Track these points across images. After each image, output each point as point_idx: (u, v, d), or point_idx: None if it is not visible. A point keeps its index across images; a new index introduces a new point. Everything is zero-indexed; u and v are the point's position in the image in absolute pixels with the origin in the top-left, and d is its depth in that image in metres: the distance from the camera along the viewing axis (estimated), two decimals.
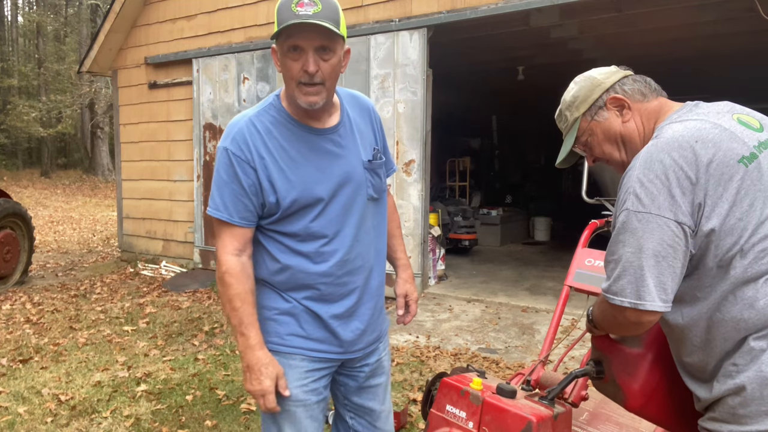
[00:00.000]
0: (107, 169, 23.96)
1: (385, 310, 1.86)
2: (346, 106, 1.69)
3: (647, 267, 1.18)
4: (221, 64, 7.18)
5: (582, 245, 2.27)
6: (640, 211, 1.19)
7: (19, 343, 4.59)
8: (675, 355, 1.36)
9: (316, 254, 1.60)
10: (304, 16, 1.42)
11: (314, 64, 1.47)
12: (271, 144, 1.56)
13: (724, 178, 1.17)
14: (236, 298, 1.54)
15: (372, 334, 1.74)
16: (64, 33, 27.19)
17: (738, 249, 1.17)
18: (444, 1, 5.63)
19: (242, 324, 1.55)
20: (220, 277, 1.56)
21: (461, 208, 9.25)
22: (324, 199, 1.58)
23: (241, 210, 1.55)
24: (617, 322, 1.28)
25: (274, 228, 1.60)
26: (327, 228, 1.59)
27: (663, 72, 9.00)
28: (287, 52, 1.48)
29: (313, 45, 1.46)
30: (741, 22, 6.00)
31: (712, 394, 1.24)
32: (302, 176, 1.56)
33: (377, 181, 1.70)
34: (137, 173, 8.26)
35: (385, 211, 1.79)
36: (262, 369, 1.54)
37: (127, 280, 7.20)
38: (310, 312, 1.63)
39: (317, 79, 1.49)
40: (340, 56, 1.53)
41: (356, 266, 1.65)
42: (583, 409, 2.02)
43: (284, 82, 1.56)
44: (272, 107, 1.61)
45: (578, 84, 1.51)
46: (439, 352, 4.43)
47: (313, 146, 1.59)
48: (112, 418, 3.30)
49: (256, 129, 1.56)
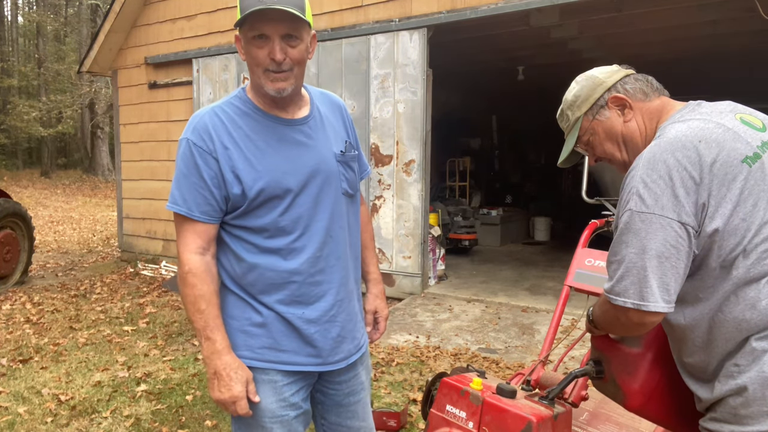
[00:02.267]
0: (107, 169, 23.96)
1: (363, 317, 1.77)
2: (316, 102, 1.64)
3: (650, 268, 1.17)
4: (221, 64, 7.18)
5: (582, 245, 2.27)
6: (644, 212, 1.18)
7: (19, 343, 4.59)
8: (676, 355, 1.36)
9: (287, 251, 1.50)
10: (268, 1, 1.35)
11: (281, 51, 1.42)
12: (236, 134, 1.48)
13: (728, 179, 1.17)
14: (201, 300, 1.44)
15: (351, 343, 1.63)
16: (64, 33, 27.19)
17: (741, 249, 1.17)
18: (444, 1, 5.63)
19: (207, 327, 1.44)
20: (183, 278, 1.47)
21: (461, 208, 9.25)
22: (293, 190, 1.49)
23: (201, 203, 1.46)
24: (620, 322, 1.27)
25: (239, 224, 1.50)
26: (297, 222, 1.50)
27: (663, 72, 8.99)
28: (252, 39, 1.42)
29: (279, 32, 1.41)
30: (741, 22, 6.00)
31: (713, 394, 1.23)
32: (270, 166, 1.48)
33: (351, 176, 1.63)
34: (137, 173, 8.26)
35: (359, 212, 1.71)
36: (231, 374, 1.44)
37: (127, 280, 7.20)
38: (283, 320, 1.52)
39: (285, 66, 1.44)
40: (307, 43, 1.47)
41: (329, 264, 1.56)
42: (583, 409, 2.02)
43: (249, 71, 1.49)
44: (237, 98, 1.55)
45: (580, 83, 1.51)
46: (439, 352, 4.43)
47: (282, 136, 1.52)
48: (112, 418, 3.30)
49: (219, 119, 1.49)
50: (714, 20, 6.08)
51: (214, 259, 1.52)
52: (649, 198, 1.18)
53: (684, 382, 1.34)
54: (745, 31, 6.32)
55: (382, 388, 3.67)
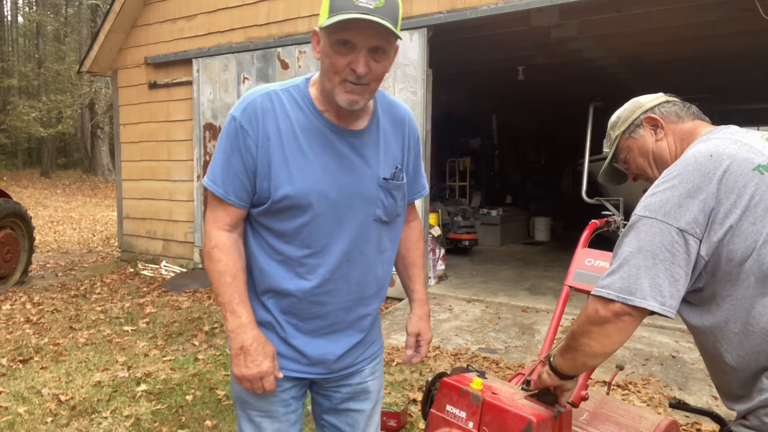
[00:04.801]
0: (107, 169, 23.97)
1: (380, 333, 1.69)
2: (379, 113, 1.51)
3: (644, 267, 1.20)
4: (221, 64, 7.18)
5: (582, 245, 2.27)
6: (647, 216, 1.24)
7: (19, 343, 4.59)
8: (715, 381, 1.36)
9: (298, 263, 1.43)
10: (365, 10, 1.23)
11: (365, 65, 1.30)
12: (283, 125, 1.39)
13: (738, 185, 1.20)
14: (226, 274, 1.39)
15: (351, 356, 1.56)
16: (64, 33, 27.21)
17: (754, 255, 1.18)
18: (444, 1, 5.64)
19: (233, 301, 1.39)
20: (209, 252, 1.42)
21: (461, 208, 9.25)
22: (319, 206, 1.40)
23: (237, 188, 1.40)
24: (598, 316, 1.24)
25: (262, 221, 1.44)
26: (316, 239, 1.42)
27: (663, 72, 9.03)
28: (335, 44, 1.29)
29: (368, 44, 1.29)
30: (741, 22, 6.00)
31: (746, 406, 1.24)
32: (304, 172, 1.39)
33: (390, 203, 1.50)
34: (137, 173, 8.26)
35: (397, 237, 1.61)
36: (259, 348, 1.39)
37: (127, 280, 7.20)
38: (278, 323, 1.48)
39: (365, 80, 1.33)
40: (391, 57, 1.37)
41: (338, 288, 1.46)
42: (583, 409, 2.02)
43: (322, 73, 1.38)
44: (298, 89, 1.43)
45: (624, 107, 1.63)
46: (439, 352, 4.43)
47: (328, 143, 1.41)
48: (112, 418, 3.30)
49: (272, 104, 1.40)
50: (714, 20, 6.08)
51: (242, 238, 1.47)
52: (655, 204, 1.24)
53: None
54: (745, 31, 6.32)
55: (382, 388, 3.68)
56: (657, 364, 4.14)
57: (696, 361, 4.16)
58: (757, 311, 1.18)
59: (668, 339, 4.69)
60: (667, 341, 4.64)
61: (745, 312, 1.20)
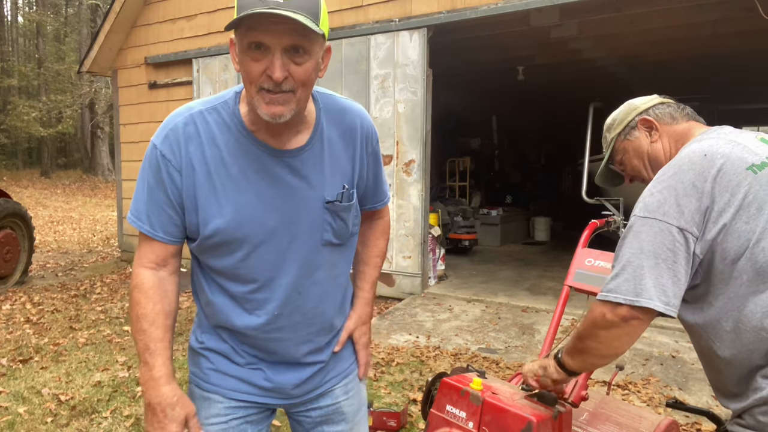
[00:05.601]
0: (107, 169, 23.98)
1: (351, 349, 1.53)
2: (323, 123, 1.32)
3: (647, 267, 1.20)
4: (221, 64, 7.18)
5: (582, 245, 2.27)
6: (646, 217, 1.24)
7: (19, 343, 4.59)
8: (711, 379, 1.37)
9: (244, 300, 1.31)
10: (272, 4, 1.07)
11: (281, 68, 1.12)
12: (209, 152, 1.24)
13: (732, 185, 1.20)
14: (143, 319, 1.25)
15: (312, 383, 1.43)
16: (64, 33, 27.21)
17: (747, 253, 1.18)
18: (444, 1, 5.64)
19: (147, 350, 1.24)
20: (130, 293, 1.29)
21: (461, 208, 9.26)
22: (254, 240, 1.26)
23: (165, 223, 1.27)
24: (605, 320, 1.24)
25: (198, 257, 1.32)
26: (257, 274, 1.29)
27: (663, 72, 9.03)
28: (247, 49, 1.13)
29: (282, 44, 1.11)
30: (741, 22, 6.00)
31: (741, 405, 1.25)
32: (237, 203, 1.24)
33: (340, 225, 1.34)
34: (137, 173, 8.23)
35: (351, 258, 1.48)
36: (167, 410, 1.23)
37: (127, 280, 7.20)
38: (234, 351, 1.37)
39: (286, 86, 1.14)
40: (317, 59, 1.18)
41: (292, 322, 1.33)
42: (583, 409, 2.02)
43: (244, 85, 1.21)
44: (226, 107, 1.27)
45: (620, 109, 1.64)
46: (439, 352, 4.43)
47: (262, 168, 1.25)
48: (112, 418, 3.30)
49: (195, 129, 1.24)
50: (714, 20, 6.09)
51: (173, 276, 1.32)
52: (653, 204, 1.24)
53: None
54: (745, 31, 6.32)
55: (382, 388, 3.68)
56: (657, 364, 4.14)
57: (696, 361, 4.16)
58: (749, 309, 1.19)
59: (668, 339, 4.69)
60: (667, 341, 4.64)
61: (737, 310, 1.20)
